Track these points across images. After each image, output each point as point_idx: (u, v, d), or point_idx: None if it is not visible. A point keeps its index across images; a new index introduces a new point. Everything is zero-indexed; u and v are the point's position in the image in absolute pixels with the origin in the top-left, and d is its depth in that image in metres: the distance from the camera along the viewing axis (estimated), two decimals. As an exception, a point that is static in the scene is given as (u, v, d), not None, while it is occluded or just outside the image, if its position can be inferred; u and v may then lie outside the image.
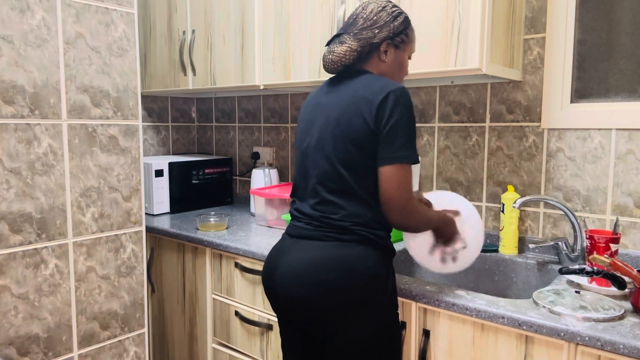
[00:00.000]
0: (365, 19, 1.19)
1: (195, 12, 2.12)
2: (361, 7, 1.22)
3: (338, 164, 1.14)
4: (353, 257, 1.13)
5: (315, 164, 1.19)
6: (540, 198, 1.51)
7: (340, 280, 1.11)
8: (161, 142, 2.61)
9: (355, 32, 1.19)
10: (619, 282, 1.17)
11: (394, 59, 1.23)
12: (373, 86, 1.14)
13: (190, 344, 1.96)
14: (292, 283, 1.15)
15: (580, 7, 1.55)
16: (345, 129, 1.14)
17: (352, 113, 1.13)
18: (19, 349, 1.41)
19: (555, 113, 1.59)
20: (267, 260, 1.26)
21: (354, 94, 1.15)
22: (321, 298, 1.11)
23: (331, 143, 1.16)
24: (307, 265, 1.14)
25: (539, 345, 1.09)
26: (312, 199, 1.20)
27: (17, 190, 1.38)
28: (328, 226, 1.16)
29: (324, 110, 1.21)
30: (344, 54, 1.18)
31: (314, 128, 1.21)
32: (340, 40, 1.20)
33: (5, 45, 1.33)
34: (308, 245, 1.17)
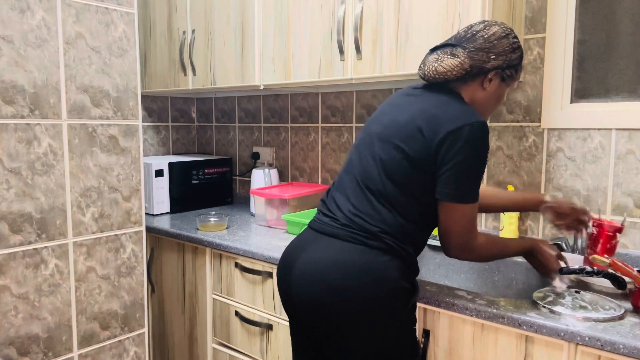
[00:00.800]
0: (485, 40, 1.11)
1: (195, 12, 2.12)
2: (483, 25, 1.13)
3: (381, 168, 1.09)
4: (378, 266, 1.07)
5: (362, 159, 1.14)
6: (540, 198, 1.51)
7: (361, 289, 1.05)
8: (161, 142, 2.62)
9: (472, 50, 1.10)
10: (619, 282, 1.17)
11: (495, 91, 1.16)
12: (448, 108, 1.07)
13: (190, 344, 1.96)
14: (309, 284, 1.09)
15: (580, 7, 1.55)
16: (402, 138, 1.08)
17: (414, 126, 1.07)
18: (19, 349, 1.41)
19: (555, 113, 1.59)
20: (284, 255, 1.19)
21: (428, 107, 1.09)
22: (338, 305, 1.05)
23: (382, 145, 1.11)
24: (326, 267, 1.07)
25: (539, 345, 1.09)
26: (350, 195, 1.14)
27: (17, 190, 1.38)
28: (356, 227, 1.09)
29: (393, 110, 1.15)
30: (452, 68, 1.09)
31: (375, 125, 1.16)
32: (453, 53, 1.10)
33: (5, 45, 1.33)
34: (330, 242, 1.10)
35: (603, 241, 1.36)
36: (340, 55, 1.66)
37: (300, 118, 2.29)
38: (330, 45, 1.69)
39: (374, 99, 2.02)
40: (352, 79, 1.65)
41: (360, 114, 2.06)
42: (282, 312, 1.60)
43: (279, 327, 1.61)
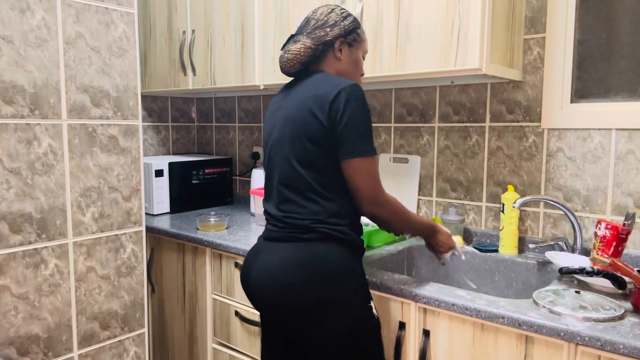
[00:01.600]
0: (316, 20, 1.25)
1: (195, 12, 2.12)
2: (312, 11, 1.28)
3: (296, 162, 1.17)
4: (316, 256, 1.15)
5: (276, 165, 1.23)
6: (540, 198, 1.51)
7: (306, 280, 1.13)
8: (161, 142, 2.62)
9: (309, 31, 1.24)
10: (619, 282, 1.17)
11: (349, 57, 1.27)
12: (325, 84, 1.17)
13: (190, 344, 1.96)
14: (264, 286, 1.18)
15: (580, 7, 1.55)
16: (301, 127, 1.16)
17: (306, 112, 1.16)
18: (19, 349, 1.41)
19: (555, 113, 1.59)
20: (243, 263, 1.29)
21: (307, 93, 1.19)
22: (291, 299, 1.14)
23: (289, 143, 1.19)
24: (275, 268, 1.17)
25: (539, 345, 1.09)
26: (276, 200, 1.23)
27: (17, 190, 1.38)
28: (291, 226, 1.19)
29: (282, 112, 1.24)
30: (298, 51, 1.22)
31: (274, 130, 1.25)
32: (294, 40, 1.25)
33: (5, 45, 1.33)
34: (275, 247, 1.20)
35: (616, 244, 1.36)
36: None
37: (300, 118, 2.29)
38: (330, 45, 1.69)
39: (373, 99, 2.02)
40: (352, 79, 1.65)
41: (360, 114, 2.06)
42: (282, 312, 1.60)
43: (279, 327, 1.61)
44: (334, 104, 1.14)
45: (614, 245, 1.36)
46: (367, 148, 1.15)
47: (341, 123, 1.14)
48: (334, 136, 1.15)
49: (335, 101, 1.14)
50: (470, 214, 1.80)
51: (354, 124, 1.14)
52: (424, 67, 1.47)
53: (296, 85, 1.25)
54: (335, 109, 1.14)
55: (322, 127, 1.14)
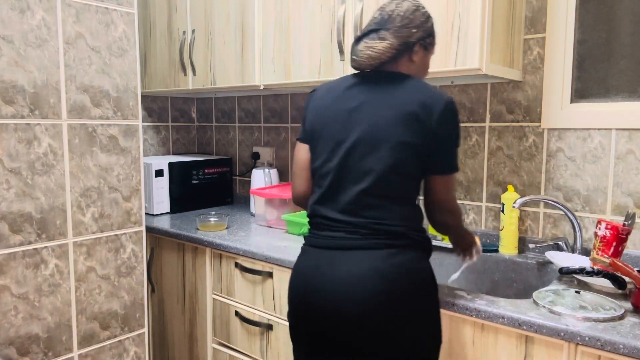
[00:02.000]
0: (402, 17, 1.15)
1: (195, 12, 2.12)
2: (395, 4, 1.18)
3: (388, 167, 1.10)
4: (411, 264, 1.09)
5: (357, 167, 1.12)
6: (540, 198, 1.51)
7: (404, 290, 1.07)
8: (161, 142, 2.61)
9: (395, 29, 1.15)
10: (619, 282, 1.17)
11: (422, 61, 1.21)
12: (426, 92, 1.12)
13: (190, 344, 1.96)
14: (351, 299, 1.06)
15: (580, 7, 1.55)
16: (399, 132, 1.09)
17: (408, 116, 1.09)
18: (19, 349, 1.41)
19: (555, 113, 1.59)
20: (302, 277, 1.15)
21: (408, 97, 1.11)
22: (387, 310, 1.05)
23: (382, 145, 1.10)
24: (366, 278, 1.06)
25: (539, 345, 1.09)
26: (353, 205, 1.12)
27: (17, 190, 1.38)
28: (378, 233, 1.10)
29: (369, 110, 1.13)
30: (385, 50, 1.14)
31: (356, 129, 1.13)
32: (380, 36, 1.14)
33: (5, 45, 1.33)
34: (359, 256, 1.09)
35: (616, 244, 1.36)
36: (340, 55, 1.66)
37: (300, 118, 2.29)
38: (330, 45, 1.69)
39: (374, 99, 2.01)
40: (352, 79, 1.65)
41: (360, 114, 2.06)
42: (282, 312, 1.59)
43: (279, 327, 1.61)
44: (443, 115, 1.10)
45: (614, 245, 1.36)
46: (457, 164, 1.16)
47: (444, 136, 1.11)
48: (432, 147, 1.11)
49: (444, 113, 1.10)
50: (470, 214, 1.80)
51: (454, 139, 1.14)
52: (424, 67, 1.47)
53: (377, 85, 1.16)
54: (442, 121, 1.10)
55: (425, 135, 1.09)
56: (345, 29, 1.64)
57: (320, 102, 1.23)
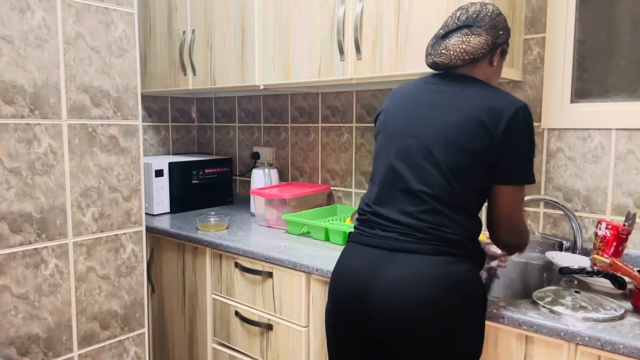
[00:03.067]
0: (491, 18, 1.14)
1: (195, 12, 2.12)
2: (479, 5, 1.17)
3: (449, 172, 1.07)
4: (465, 275, 1.05)
5: (418, 168, 1.09)
6: (540, 198, 1.51)
7: (455, 300, 1.03)
8: (161, 142, 2.62)
9: (486, 27, 1.13)
10: (619, 282, 1.17)
11: (498, 66, 1.20)
12: (498, 98, 1.09)
13: (190, 344, 1.96)
14: (400, 302, 1.03)
15: (580, 7, 1.55)
16: (465, 137, 1.06)
17: (474, 122, 1.07)
18: (19, 349, 1.41)
19: (555, 113, 1.59)
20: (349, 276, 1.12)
21: (476, 101, 1.09)
22: (434, 318, 1.02)
23: (444, 149, 1.07)
24: (418, 283, 1.03)
25: (539, 345, 1.09)
26: (412, 207, 1.09)
27: (17, 190, 1.38)
28: (437, 239, 1.06)
29: (436, 112, 1.11)
30: (481, 46, 1.12)
31: (420, 129, 1.11)
32: (474, 32, 1.12)
33: (5, 45, 1.33)
34: (412, 259, 1.05)
35: (616, 244, 1.36)
36: (340, 55, 1.66)
37: (300, 118, 2.29)
38: (330, 45, 1.69)
39: (374, 99, 2.02)
40: (352, 79, 1.65)
41: (360, 114, 2.06)
42: (282, 312, 1.60)
43: (279, 327, 1.61)
44: (512, 122, 1.06)
45: (614, 245, 1.36)
46: (530, 176, 1.09)
47: (514, 145, 1.06)
48: (499, 155, 1.07)
49: (513, 120, 1.06)
50: (470, 214, 1.79)
51: (523, 148, 1.08)
52: (424, 67, 1.47)
53: (450, 87, 1.13)
54: (511, 128, 1.06)
55: (492, 142, 1.06)
56: (345, 29, 1.64)
57: (393, 99, 1.22)
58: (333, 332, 1.18)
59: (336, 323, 1.16)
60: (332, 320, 1.17)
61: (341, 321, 1.14)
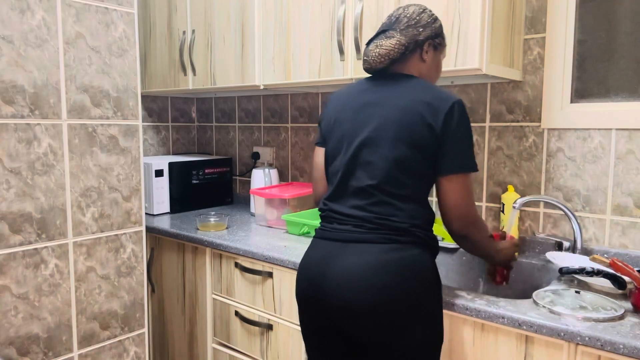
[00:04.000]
0: (409, 18, 1.21)
1: (195, 12, 2.12)
2: (402, 8, 1.24)
3: (395, 165, 1.13)
4: (412, 260, 1.11)
5: (368, 164, 1.16)
6: (540, 198, 1.51)
7: (403, 285, 1.08)
8: (161, 142, 2.62)
9: (402, 28, 1.20)
10: (619, 282, 1.17)
11: (433, 60, 1.25)
12: (433, 93, 1.15)
13: (190, 344, 1.96)
14: (352, 290, 1.09)
15: (580, 7, 1.55)
16: (408, 132, 1.12)
17: (416, 117, 1.12)
18: (19, 349, 1.41)
19: (555, 113, 1.59)
20: (308, 268, 1.19)
21: (412, 97, 1.15)
22: (385, 304, 1.07)
23: (390, 144, 1.13)
24: (367, 270, 1.09)
25: (539, 345, 1.09)
26: (362, 200, 1.16)
27: (17, 190, 1.38)
28: (385, 228, 1.12)
29: (377, 110, 1.18)
30: (393, 47, 1.18)
31: (365, 127, 1.18)
32: (387, 35, 1.20)
33: (5, 45, 1.33)
34: (362, 248, 1.12)
35: None
36: (340, 55, 1.66)
37: (300, 118, 2.29)
38: (330, 45, 1.69)
39: (374, 99, 2.01)
40: (352, 79, 1.65)
41: (360, 114, 2.06)
42: (282, 312, 1.60)
43: (279, 327, 1.61)
44: (450, 115, 1.12)
45: None
46: (472, 163, 1.15)
47: (453, 136, 1.12)
48: (439, 147, 1.13)
49: (451, 113, 1.12)
50: (470, 214, 1.79)
51: (463, 138, 1.13)
52: (424, 67, 1.47)
53: (388, 85, 1.20)
54: (449, 121, 1.12)
55: (434, 136, 1.11)
56: (345, 29, 1.64)
57: (334, 105, 1.29)
58: (301, 324, 1.25)
59: (301, 314, 1.23)
60: (299, 312, 1.25)
61: (304, 312, 1.22)
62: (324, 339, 1.20)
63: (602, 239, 1.53)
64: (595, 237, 1.54)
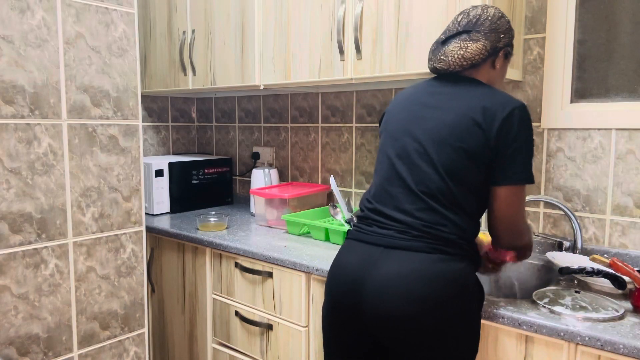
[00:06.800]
0: (491, 22, 1.15)
1: (195, 12, 2.12)
2: (480, 9, 1.18)
3: (444, 171, 1.08)
4: (459, 273, 1.06)
5: (415, 167, 1.11)
6: (540, 198, 1.51)
7: (447, 298, 1.04)
8: (161, 142, 2.62)
9: (486, 32, 1.14)
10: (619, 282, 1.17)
11: (501, 68, 1.21)
12: (494, 98, 1.10)
13: (190, 344, 1.96)
14: (394, 298, 1.04)
15: (580, 7, 1.55)
16: (459, 136, 1.08)
17: (469, 122, 1.08)
18: (19, 349, 1.41)
19: (555, 113, 1.59)
20: (344, 272, 1.14)
21: (470, 102, 1.10)
22: (429, 316, 1.03)
23: (438, 148, 1.09)
24: (413, 280, 1.04)
25: (539, 345, 1.09)
26: (409, 205, 1.10)
27: (17, 190, 1.38)
28: (432, 237, 1.07)
29: (433, 112, 1.13)
30: (479, 52, 1.13)
31: (417, 129, 1.13)
32: (472, 37, 1.14)
33: (5, 45, 1.33)
34: (407, 256, 1.07)
35: None
36: (340, 55, 1.66)
37: (300, 118, 2.29)
38: (330, 45, 1.69)
39: (374, 99, 2.02)
40: (352, 79, 1.65)
41: (360, 114, 2.06)
42: (282, 312, 1.60)
43: (279, 327, 1.61)
44: (507, 121, 1.06)
45: None
46: (529, 175, 1.09)
47: (510, 144, 1.06)
48: (495, 155, 1.07)
49: (508, 119, 1.06)
50: (470, 214, 1.79)
51: (523, 147, 1.08)
52: (424, 67, 1.47)
53: (451, 88, 1.15)
54: (506, 128, 1.06)
55: (486, 142, 1.06)
56: (345, 29, 1.64)
57: (396, 102, 1.24)
58: (329, 327, 1.19)
59: (332, 318, 1.17)
60: (328, 315, 1.19)
61: (336, 316, 1.16)
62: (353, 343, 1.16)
63: (602, 239, 1.53)
64: (595, 237, 1.54)
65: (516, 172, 1.08)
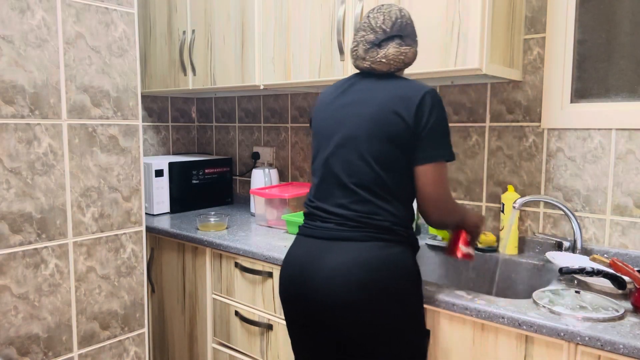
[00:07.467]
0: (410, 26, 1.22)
1: (195, 12, 2.12)
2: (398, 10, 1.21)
3: (374, 162, 1.14)
4: (396, 257, 1.13)
5: (346, 163, 1.17)
6: (540, 198, 1.51)
7: (386, 282, 1.11)
8: (161, 142, 2.62)
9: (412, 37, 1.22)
10: (619, 282, 1.17)
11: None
12: (407, 87, 1.16)
13: (190, 344, 1.96)
14: (336, 287, 1.11)
15: (580, 7, 1.55)
16: (382, 127, 1.14)
17: (388, 111, 1.14)
18: (19, 349, 1.41)
19: (555, 113, 1.59)
20: (291, 266, 1.21)
21: (388, 93, 1.16)
22: (368, 300, 1.09)
23: (366, 141, 1.15)
24: (351, 268, 1.11)
25: (539, 345, 1.09)
26: (345, 199, 1.17)
27: (17, 190, 1.38)
28: (368, 226, 1.14)
29: (353, 108, 1.19)
30: (414, 56, 1.22)
31: (343, 126, 1.19)
32: (406, 43, 1.20)
33: (5, 45, 1.33)
34: (348, 246, 1.14)
35: None
36: (340, 55, 1.66)
37: (300, 118, 2.29)
38: (330, 45, 1.69)
39: (374, 99, 2.01)
40: (352, 79, 1.65)
41: (360, 114, 2.06)
42: (282, 312, 1.60)
43: (279, 327, 1.61)
44: (421, 106, 1.13)
45: None
46: (446, 152, 1.15)
47: (426, 126, 1.13)
48: (415, 139, 1.13)
49: (422, 104, 1.13)
50: (470, 214, 1.79)
51: (438, 127, 1.14)
52: (424, 67, 1.47)
53: (366, 84, 1.21)
54: (421, 112, 1.13)
55: (407, 128, 1.13)
56: (345, 29, 1.64)
57: (320, 102, 1.30)
58: (287, 322, 1.27)
59: (286, 312, 1.25)
60: (284, 311, 1.26)
61: (289, 310, 1.24)
62: (311, 337, 1.22)
63: (602, 239, 1.53)
64: (595, 237, 1.54)
65: (436, 150, 1.15)
